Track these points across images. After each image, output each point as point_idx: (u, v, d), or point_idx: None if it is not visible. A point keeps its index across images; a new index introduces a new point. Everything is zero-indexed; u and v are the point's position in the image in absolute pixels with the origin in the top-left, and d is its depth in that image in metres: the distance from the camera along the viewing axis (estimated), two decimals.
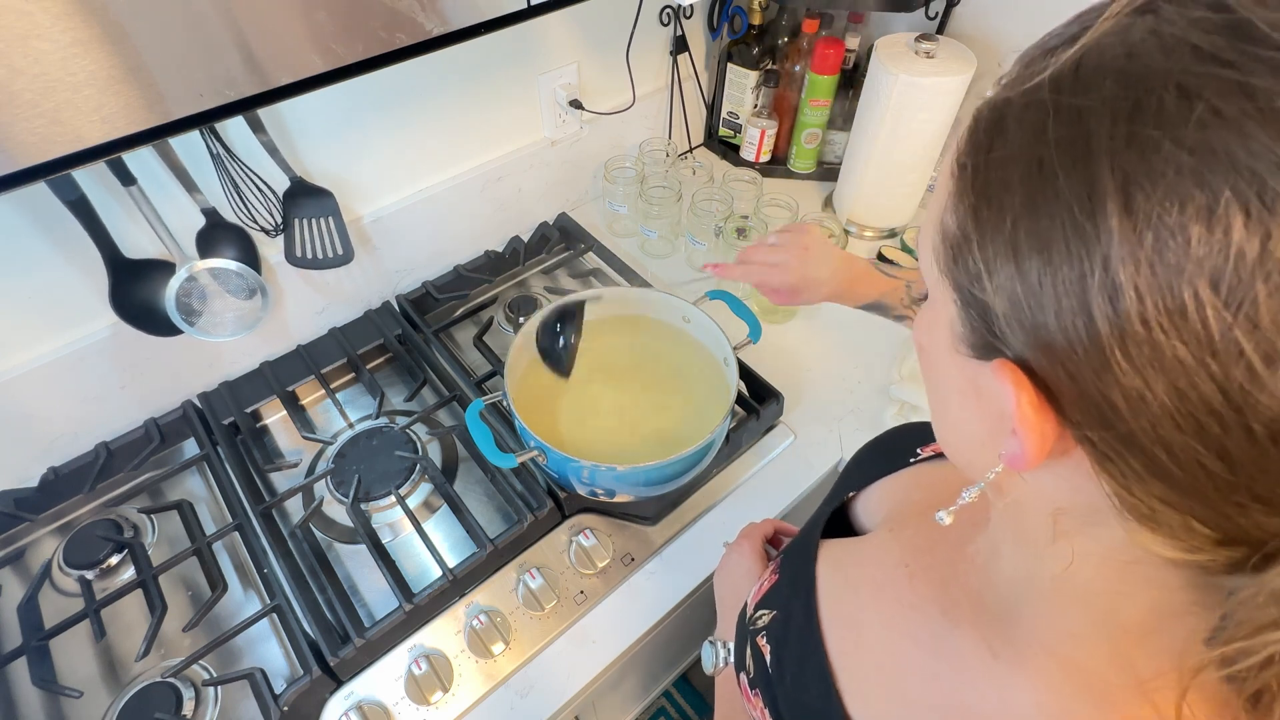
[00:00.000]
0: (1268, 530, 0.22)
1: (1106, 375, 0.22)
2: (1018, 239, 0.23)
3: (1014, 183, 0.23)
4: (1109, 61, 0.22)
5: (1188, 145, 0.20)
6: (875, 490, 0.51)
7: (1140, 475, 0.23)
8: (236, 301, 0.83)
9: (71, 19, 0.42)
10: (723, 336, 0.80)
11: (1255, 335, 0.19)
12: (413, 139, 0.95)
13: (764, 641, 0.47)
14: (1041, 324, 0.23)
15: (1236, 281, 0.19)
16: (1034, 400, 0.24)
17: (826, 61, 1.09)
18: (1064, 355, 0.23)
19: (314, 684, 0.67)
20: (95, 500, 0.84)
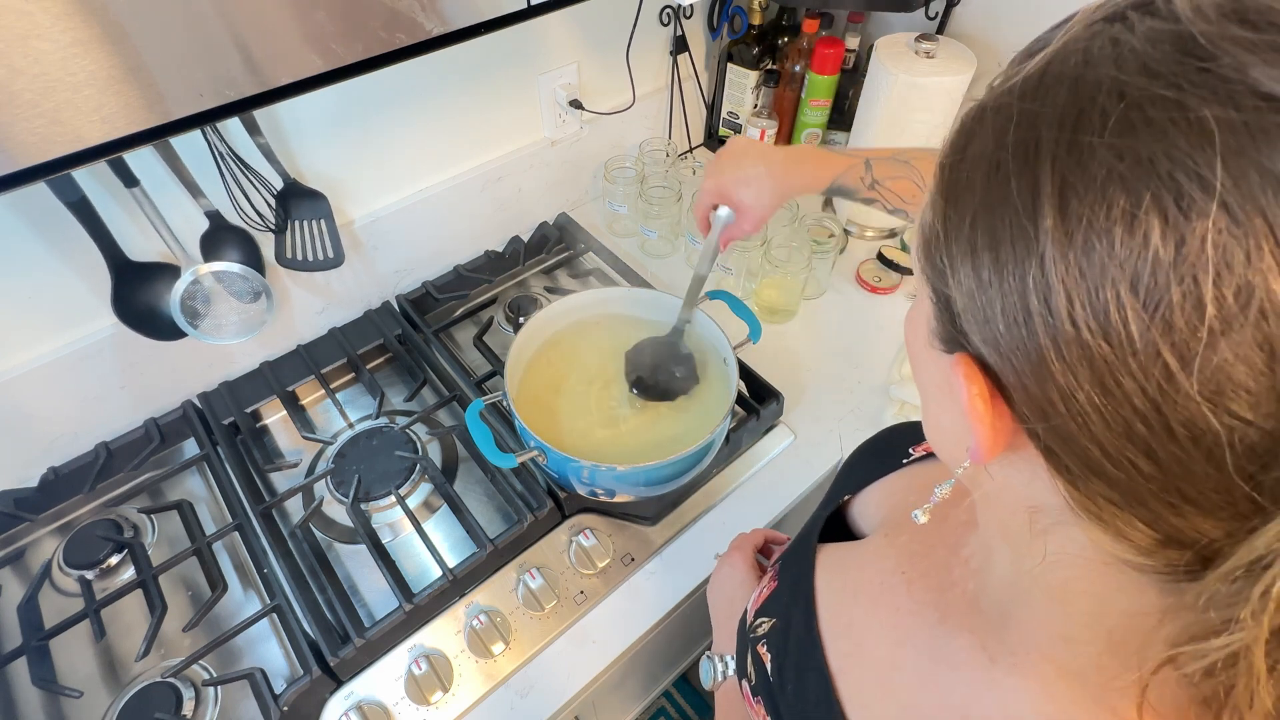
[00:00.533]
0: (1203, 531, 0.22)
1: (1043, 372, 0.23)
2: (975, 238, 0.24)
3: (976, 184, 0.24)
4: (1069, 69, 0.23)
5: (1118, 151, 0.20)
6: (871, 493, 0.51)
7: (1083, 474, 0.24)
8: (241, 304, 0.83)
9: (71, 19, 0.42)
10: (723, 336, 0.80)
11: (1170, 336, 0.20)
12: (413, 139, 0.95)
13: (765, 650, 0.47)
14: (991, 320, 0.24)
15: (1153, 284, 0.20)
16: (984, 393, 0.25)
17: (826, 61, 1.09)
18: (1009, 351, 0.24)
19: (314, 684, 0.67)
20: (95, 500, 0.84)
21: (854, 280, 1.10)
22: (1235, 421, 0.20)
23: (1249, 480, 0.20)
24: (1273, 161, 0.18)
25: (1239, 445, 0.20)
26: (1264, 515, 0.20)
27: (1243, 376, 0.19)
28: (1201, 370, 0.19)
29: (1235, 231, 0.18)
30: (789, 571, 0.49)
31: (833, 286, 1.09)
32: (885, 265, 1.09)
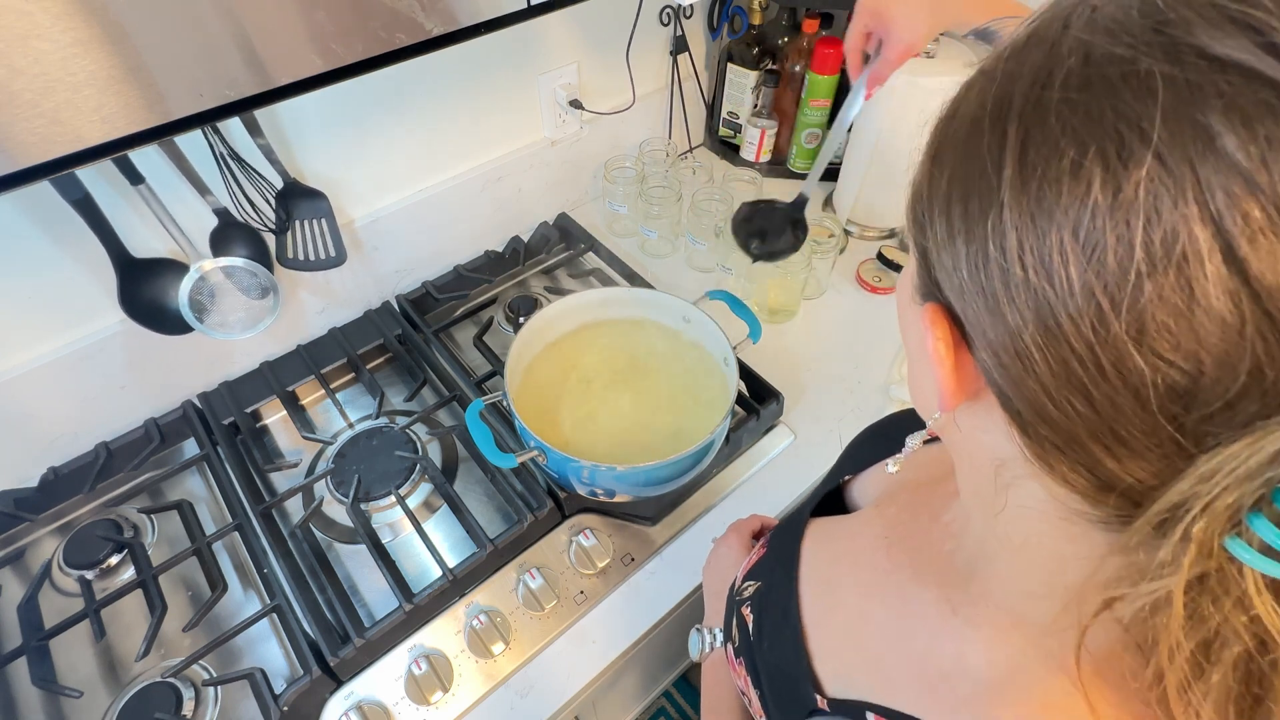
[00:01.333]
0: (1135, 475, 0.23)
1: (996, 314, 0.24)
2: (950, 191, 0.26)
3: (957, 142, 0.26)
4: (1048, 33, 0.24)
5: (1073, 106, 0.22)
6: (870, 474, 0.52)
7: (1032, 419, 0.25)
8: (248, 300, 0.83)
9: (71, 19, 0.42)
10: (723, 336, 0.80)
11: (1104, 279, 0.21)
12: (413, 139, 0.95)
13: (748, 611, 0.48)
14: (958, 268, 0.25)
15: (1092, 229, 0.21)
16: (947, 339, 0.27)
17: (826, 61, 1.09)
18: (971, 296, 0.25)
19: (314, 684, 0.67)
20: (95, 500, 0.84)
21: (854, 280, 1.10)
22: (1159, 361, 0.21)
23: (1172, 421, 0.21)
24: (1205, 116, 0.19)
25: (1162, 385, 0.21)
26: (1188, 460, 0.21)
27: (1165, 318, 0.20)
28: (1129, 311, 0.21)
29: (1166, 180, 0.20)
30: (778, 540, 0.51)
31: (833, 286, 1.09)
32: (885, 265, 1.09)
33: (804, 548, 0.47)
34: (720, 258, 1.06)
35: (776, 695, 0.43)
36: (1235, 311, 0.19)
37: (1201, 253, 0.19)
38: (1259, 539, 0.20)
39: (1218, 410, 0.20)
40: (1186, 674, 0.23)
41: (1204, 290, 0.19)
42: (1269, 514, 0.20)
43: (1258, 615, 0.21)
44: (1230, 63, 0.19)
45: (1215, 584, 0.21)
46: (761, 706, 0.45)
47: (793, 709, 0.40)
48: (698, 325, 0.84)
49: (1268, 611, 0.21)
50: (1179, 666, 0.23)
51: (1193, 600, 0.22)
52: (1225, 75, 0.19)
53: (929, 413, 0.33)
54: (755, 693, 0.46)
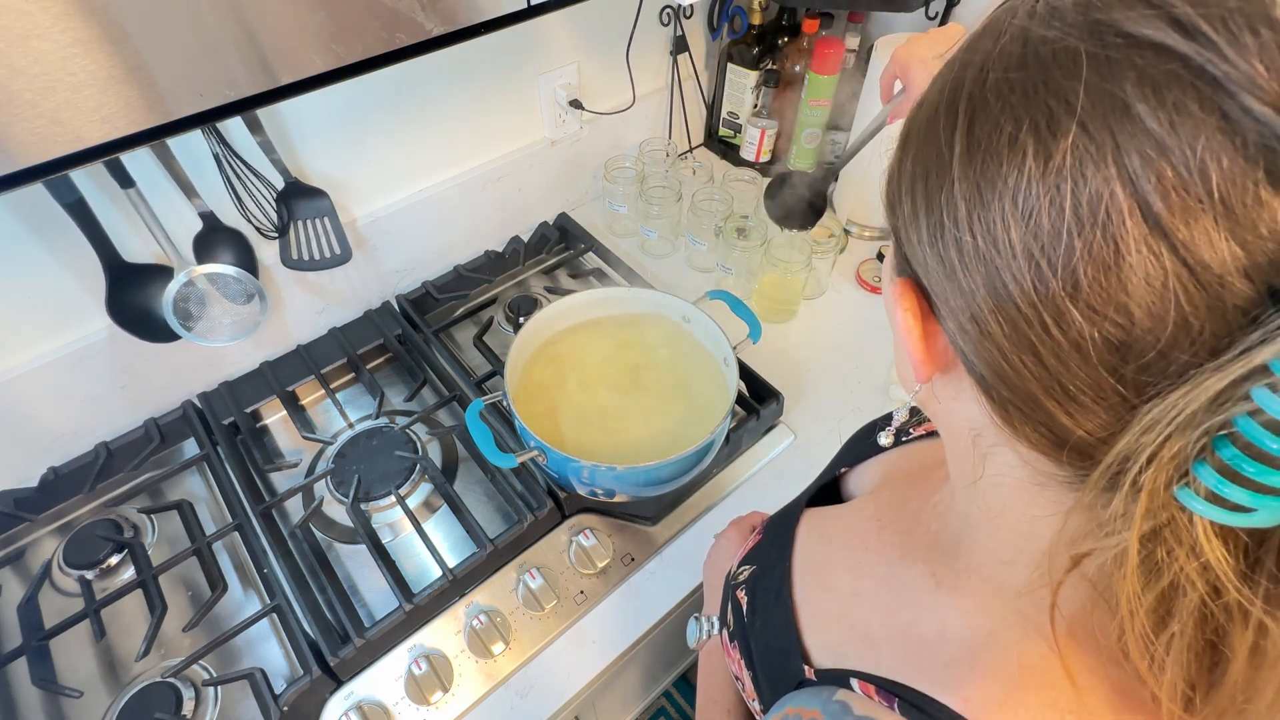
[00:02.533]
0: (1084, 428, 0.24)
1: (953, 282, 0.26)
2: (914, 172, 0.27)
3: (920, 127, 0.28)
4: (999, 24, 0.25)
5: (1011, 85, 0.24)
6: (867, 466, 0.53)
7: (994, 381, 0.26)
8: (234, 306, 0.83)
9: (71, 19, 0.42)
10: (723, 336, 0.80)
11: (1040, 241, 0.23)
12: (413, 139, 0.94)
13: (742, 594, 0.49)
14: (920, 242, 0.27)
15: (1027, 195, 0.23)
16: (915, 310, 0.28)
17: (826, 61, 1.09)
18: (932, 267, 0.27)
19: (314, 684, 0.66)
20: (95, 500, 0.84)
21: (854, 280, 1.10)
22: (1094, 315, 0.22)
23: (1113, 373, 0.22)
24: (1122, 88, 0.21)
25: (1099, 339, 0.22)
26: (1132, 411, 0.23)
27: (1096, 274, 0.22)
28: (1064, 270, 0.22)
29: (1089, 147, 0.21)
30: (774, 527, 0.52)
31: (833, 286, 1.09)
32: None
33: (799, 532, 0.48)
34: (720, 258, 1.06)
35: (768, 672, 0.44)
36: (1157, 265, 0.21)
37: (1123, 211, 0.21)
38: (1205, 487, 0.21)
39: (1152, 360, 0.22)
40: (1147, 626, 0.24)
41: (1127, 246, 0.21)
42: (1213, 462, 0.21)
43: (1209, 562, 0.22)
44: (1144, 40, 0.21)
45: (1169, 534, 0.22)
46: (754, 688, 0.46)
47: (783, 683, 0.41)
48: (698, 325, 0.84)
49: (1218, 558, 0.21)
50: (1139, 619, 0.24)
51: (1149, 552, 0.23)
52: (1139, 51, 0.21)
53: (910, 386, 0.34)
54: (748, 675, 0.47)
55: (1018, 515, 0.31)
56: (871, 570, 0.41)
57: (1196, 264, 0.20)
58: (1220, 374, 0.20)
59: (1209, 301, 0.20)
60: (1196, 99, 0.20)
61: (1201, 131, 0.20)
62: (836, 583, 0.43)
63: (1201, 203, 0.20)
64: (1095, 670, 0.29)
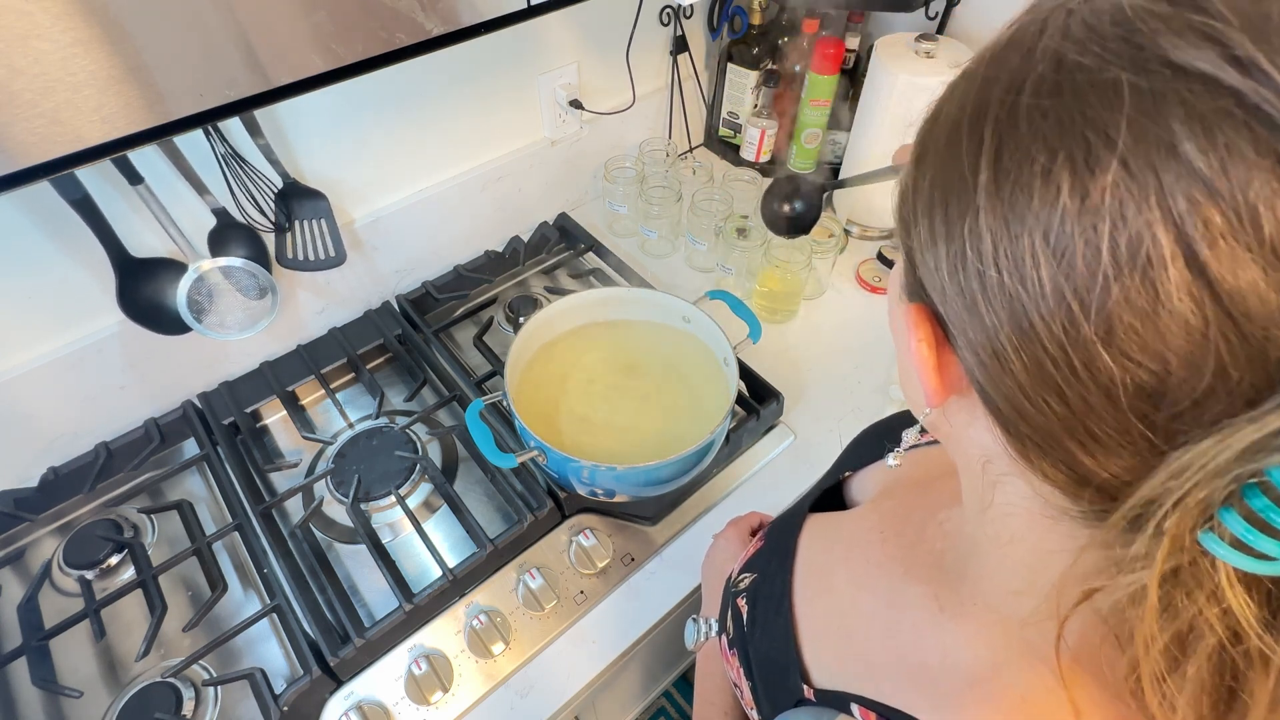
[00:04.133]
0: (1111, 471, 0.23)
1: (975, 315, 0.25)
2: (932, 194, 0.26)
3: (940, 145, 0.26)
4: (1026, 38, 0.24)
5: (1044, 112, 0.22)
6: (870, 472, 0.53)
7: (1011, 416, 0.25)
8: (246, 300, 0.83)
9: (71, 19, 0.42)
10: (723, 336, 0.80)
11: (1073, 281, 0.21)
12: (413, 139, 0.95)
13: (743, 602, 0.49)
14: (939, 269, 0.26)
15: (1061, 233, 0.21)
16: (929, 339, 0.27)
17: (826, 61, 1.09)
18: (951, 297, 0.26)
19: (314, 684, 0.66)
20: (95, 500, 0.84)
21: (854, 280, 1.10)
22: (1127, 362, 0.21)
23: (1143, 419, 0.22)
24: (1168, 124, 0.19)
25: (1131, 385, 0.21)
26: (1160, 456, 0.22)
27: (1132, 320, 0.21)
28: (1097, 314, 0.21)
29: (1131, 186, 0.20)
30: (775, 533, 0.51)
31: (833, 286, 1.09)
32: (885, 265, 1.09)
33: (801, 540, 0.47)
34: (720, 258, 1.06)
35: (766, 685, 0.44)
36: (1198, 314, 0.20)
37: (1165, 257, 0.20)
38: (1230, 533, 0.20)
39: (1186, 409, 0.21)
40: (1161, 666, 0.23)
41: (1168, 293, 0.20)
42: (1240, 509, 0.20)
43: (1230, 608, 0.21)
44: (1193, 72, 0.19)
45: (1189, 577, 0.22)
46: (752, 698, 0.46)
47: (781, 698, 0.41)
48: (698, 325, 0.84)
49: (1240, 604, 0.21)
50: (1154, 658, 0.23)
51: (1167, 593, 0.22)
52: (1188, 84, 0.19)
53: (918, 409, 0.33)
54: (747, 684, 0.46)
55: (1028, 547, 0.30)
56: (873, 584, 0.40)
57: (1241, 314, 0.19)
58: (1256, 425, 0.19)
59: (1250, 353, 0.19)
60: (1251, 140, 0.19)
61: (1255, 176, 0.18)
62: (837, 594, 0.42)
63: (1251, 251, 0.19)
64: (1102, 706, 0.28)
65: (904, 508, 0.44)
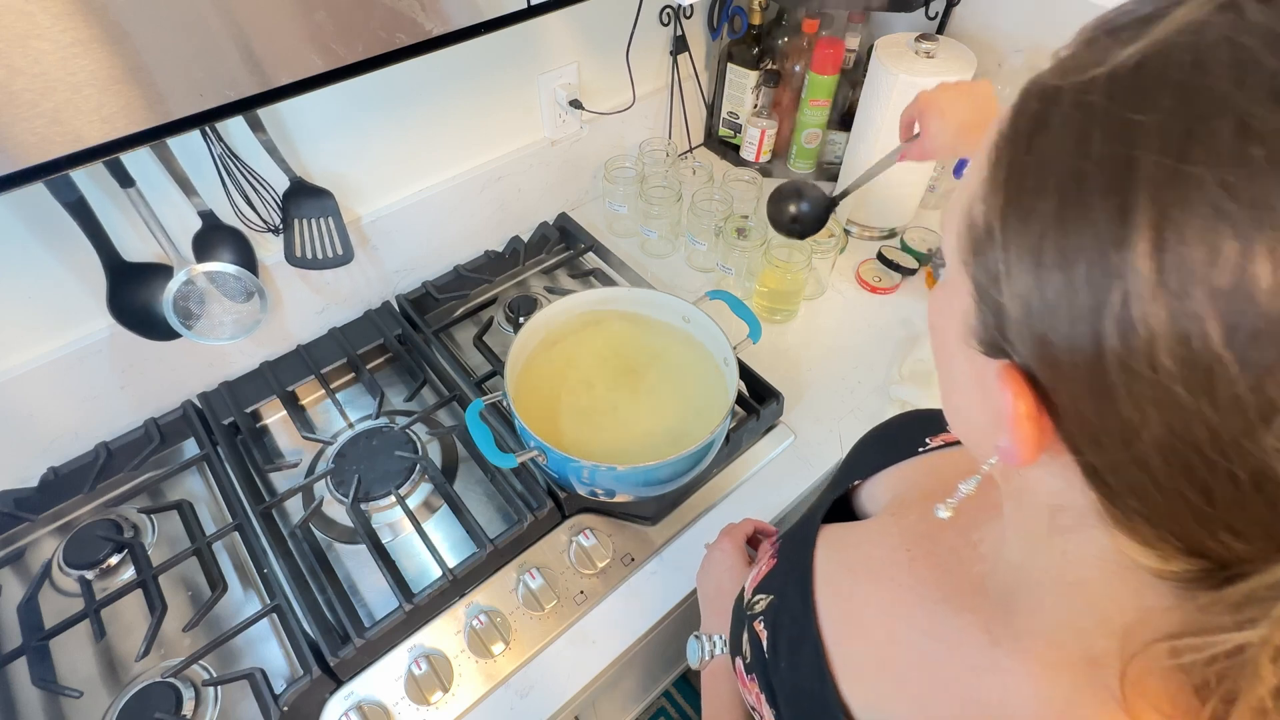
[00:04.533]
0: (1234, 552, 0.22)
1: (1105, 403, 0.22)
2: (1042, 251, 0.22)
3: (1049, 191, 0.22)
4: (1172, 70, 0.20)
5: (1233, 191, 0.18)
6: (881, 479, 0.51)
7: (1124, 492, 0.23)
8: (234, 305, 0.83)
9: (71, 19, 0.42)
10: (723, 336, 0.80)
11: (1258, 393, 0.19)
12: (413, 139, 0.95)
13: (761, 626, 0.47)
14: (1051, 340, 0.23)
15: (1251, 339, 0.19)
16: (1031, 409, 0.24)
17: (826, 61, 1.09)
18: (1068, 375, 0.23)
19: (314, 684, 0.66)
20: (95, 500, 0.84)
21: (854, 280, 1.10)
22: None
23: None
24: None
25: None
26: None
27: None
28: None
29: None
30: (789, 549, 0.49)
31: (833, 286, 1.09)
32: (885, 265, 1.09)
33: (817, 557, 0.45)
34: (720, 258, 1.06)
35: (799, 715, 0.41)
36: None
37: None
38: None
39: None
40: None
41: None
42: None
43: None
44: None
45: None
46: None
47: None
48: (698, 325, 0.84)
49: None
50: None
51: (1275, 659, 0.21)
52: None
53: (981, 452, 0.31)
54: (770, 710, 0.44)
55: (1094, 588, 0.28)
56: (909, 612, 0.38)
57: None
58: None
59: None
60: None
61: None
62: (869, 624, 0.40)
63: None
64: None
65: (929, 524, 0.42)
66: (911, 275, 1.08)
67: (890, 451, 0.51)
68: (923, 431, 0.51)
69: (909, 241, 1.10)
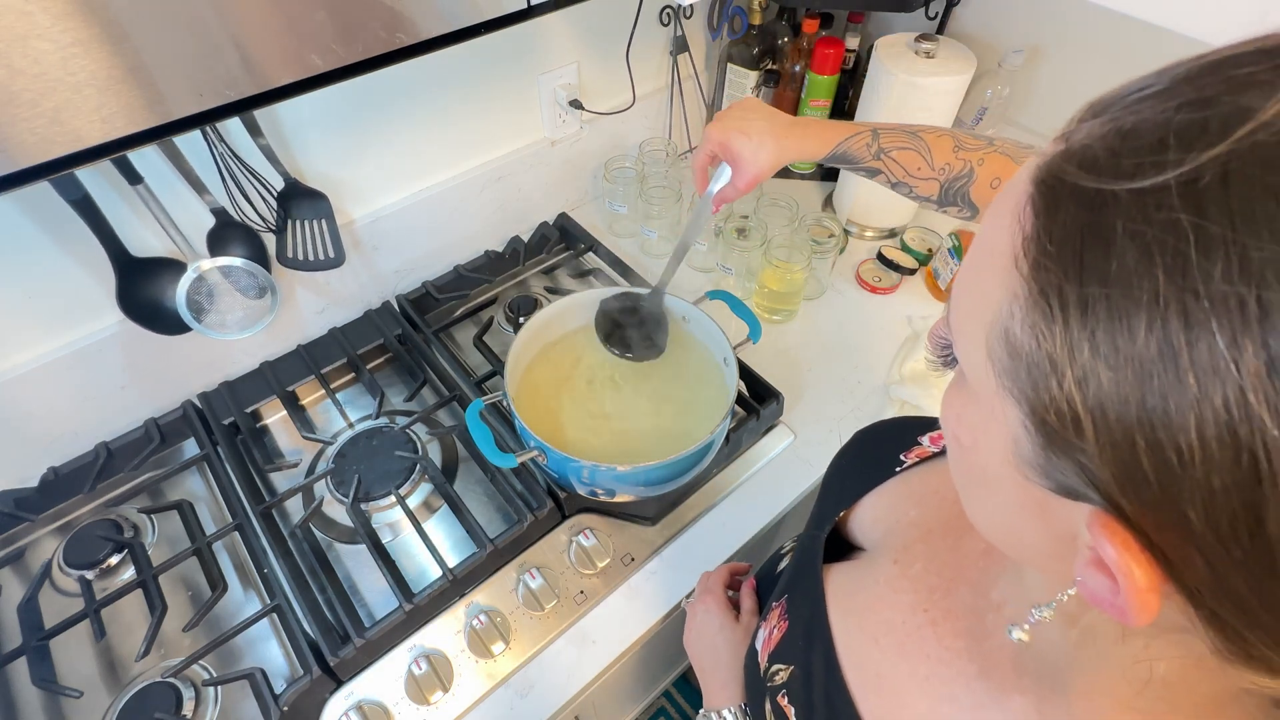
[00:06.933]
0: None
1: (1273, 581, 0.19)
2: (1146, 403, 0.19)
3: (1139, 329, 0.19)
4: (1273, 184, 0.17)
5: None
6: (865, 506, 0.50)
7: (1255, 638, 0.21)
8: (246, 300, 0.83)
9: (71, 19, 0.42)
10: (723, 336, 0.80)
11: None
12: (413, 139, 0.95)
13: (786, 702, 0.44)
14: (1179, 510, 0.20)
15: None
16: (1153, 577, 0.21)
17: (826, 61, 1.09)
18: (1208, 547, 0.20)
19: (314, 684, 0.66)
20: (95, 500, 0.84)
21: (854, 280, 1.10)
22: None
23: None
24: None
25: None
26: None
27: None
28: None
29: None
30: (799, 610, 0.47)
31: (833, 286, 1.09)
32: (885, 265, 1.09)
33: (832, 619, 0.43)
34: (720, 258, 1.06)
35: None
36: None
37: None
38: None
39: None
40: None
41: None
42: None
43: None
44: None
45: None
46: None
47: None
48: (697, 325, 0.84)
49: None
50: None
51: None
52: None
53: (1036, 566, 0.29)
54: None
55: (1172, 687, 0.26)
56: (949, 690, 0.36)
57: None
58: None
59: None
60: None
61: None
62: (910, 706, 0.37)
63: None
64: None
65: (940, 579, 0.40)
66: (911, 275, 1.08)
67: (867, 475, 0.50)
68: (896, 447, 0.50)
69: (909, 241, 1.10)
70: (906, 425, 0.51)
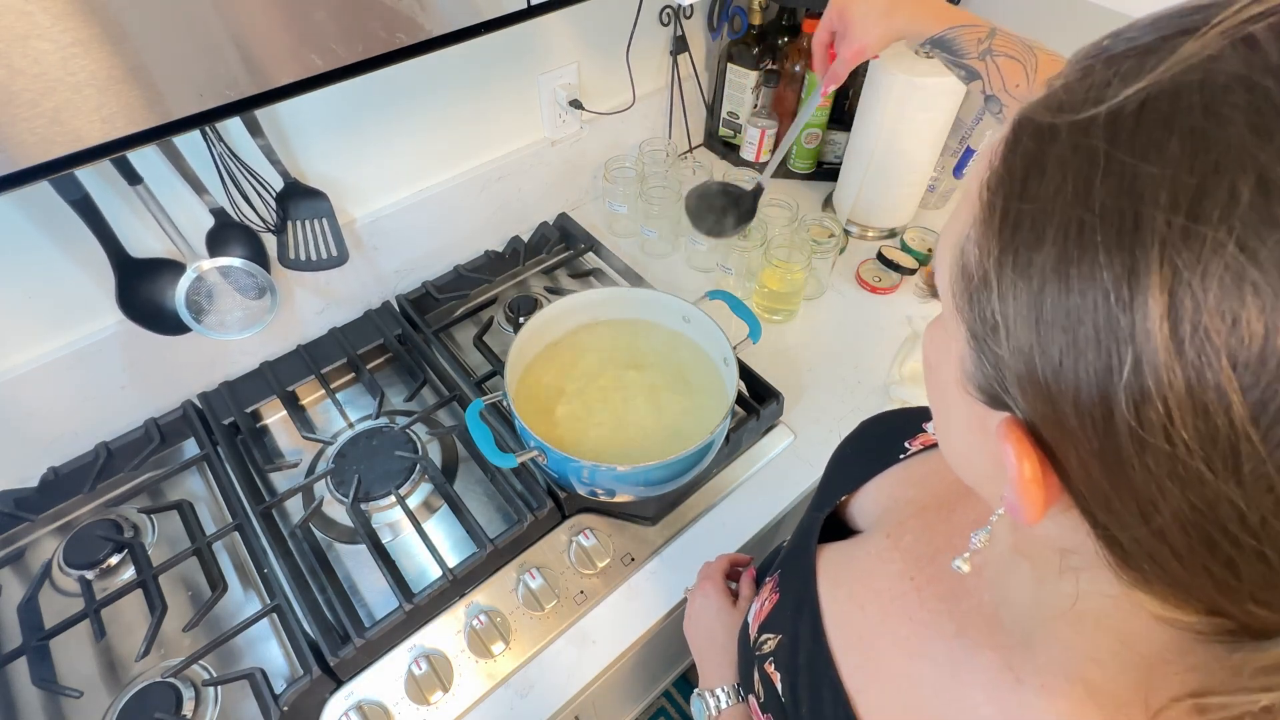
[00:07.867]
0: (1258, 619, 0.22)
1: (1119, 473, 0.21)
2: (1043, 306, 0.21)
3: (1047, 241, 0.21)
4: (1181, 114, 0.18)
5: (1255, 255, 0.17)
6: (867, 491, 0.50)
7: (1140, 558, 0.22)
8: (245, 300, 0.83)
9: (71, 19, 0.42)
10: (723, 336, 0.80)
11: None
12: (413, 139, 0.95)
13: (773, 669, 0.45)
14: (1057, 402, 0.21)
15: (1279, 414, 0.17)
16: (1036, 472, 0.23)
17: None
18: (1076, 439, 0.21)
19: (314, 684, 0.67)
20: (95, 500, 0.84)
21: (854, 280, 1.10)
22: None
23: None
24: None
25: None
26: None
27: None
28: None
29: None
30: (790, 582, 0.48)
31: (833, 286, 1.09)
32: (885, 265, 1.09)
33: (821, 590, 0.44)
34: (720, 258, 1.06)
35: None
36: None
37: None
38: None
39: None
40: None
41: None
42: None
43: None
44: None
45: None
46: None
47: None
48: (698, 325, 0.84)
49: None
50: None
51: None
52: None
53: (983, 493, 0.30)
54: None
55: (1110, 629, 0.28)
56: (926, 649, 0.37)
57: None
58: None
59: None
60: None
61: None
62: (888, 664, 0.39)
63: None
64: None
65: (928, 545, 0.41)
66: (911, 275, 1.08)
67: (871, 461, 0.51)
68: (900, 435, 0.50)
69: (909, 241, 1.10)
70: (912, 414, 0.52)
